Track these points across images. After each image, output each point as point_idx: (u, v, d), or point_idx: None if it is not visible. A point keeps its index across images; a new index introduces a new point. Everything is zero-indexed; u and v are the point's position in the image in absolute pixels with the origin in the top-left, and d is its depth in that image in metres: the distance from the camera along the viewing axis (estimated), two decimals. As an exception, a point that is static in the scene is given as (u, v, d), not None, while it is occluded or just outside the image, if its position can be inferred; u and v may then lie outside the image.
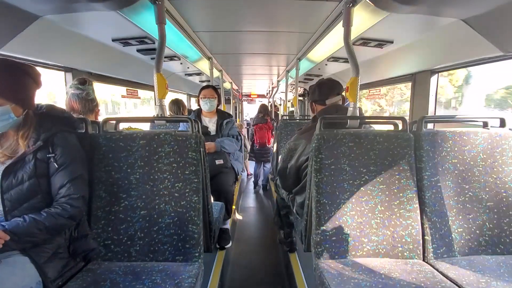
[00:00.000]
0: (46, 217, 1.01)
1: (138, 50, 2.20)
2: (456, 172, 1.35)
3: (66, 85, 1.95)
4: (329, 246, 1.26)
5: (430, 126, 1.95)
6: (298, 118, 3.46)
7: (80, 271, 1.16)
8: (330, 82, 1.67)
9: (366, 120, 1.56)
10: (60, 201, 1.06)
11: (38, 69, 1.13)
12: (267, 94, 8.80)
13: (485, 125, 1.41)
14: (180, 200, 1.29)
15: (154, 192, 1.30)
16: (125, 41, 1.93)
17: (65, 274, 1.09)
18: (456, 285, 1.09)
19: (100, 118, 1.57)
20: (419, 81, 2.10)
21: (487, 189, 1.34)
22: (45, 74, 1.19)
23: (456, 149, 1.36)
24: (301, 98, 6.43)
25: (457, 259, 1.28)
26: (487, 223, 1.32)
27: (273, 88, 6.69)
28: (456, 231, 1.31)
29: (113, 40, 1.90)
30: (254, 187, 4.78)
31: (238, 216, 3.38)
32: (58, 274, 1.06)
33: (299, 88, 4.98)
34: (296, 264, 2.18)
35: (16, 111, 1.04)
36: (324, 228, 1.26)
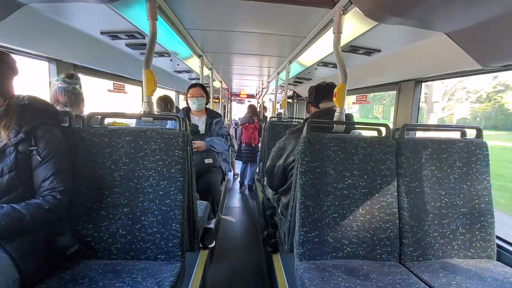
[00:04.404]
0: (26, 209, 0.97)
1: (127, 45, 2.16)
2: (434, 178, 1.41)
3: (49, 76, 1.89)
4: (311, 247, 1.28)
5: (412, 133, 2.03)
6: (286, 120, 3.50)
7: (58, 268, 1.13)
8: (327, 86, 1.70)
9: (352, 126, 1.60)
10: (43, 194, 1.03)
11: (20, 58, 1.08)
12: (256, 95, 8.80)
13: (462, 134, 1.49)
14: (164, 199, 1.28)
15: (138, 189, 1.28)
16: (114, 35, 1.89)
17: (43, 271, 1.06)
18: (429, 286, 1.14)
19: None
20: (403, 90, 2.17)
21: (462, 195, 1.41)
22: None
23: (434, 156, 1.42)
24: (290, 100, 6.49)
25: (431, 262, 1.34)
26: (460, 228, 1.39)
27: (262, 89, 6.71)
28: (431, 235, 1.37)
29: (101, 33, 1.85)
30: (240, 187, 4.78)
31: (222, 216, 3.38)
32: (36, 271, 1.02)
33: (288, 91, 5.03)
34: (279, 265, 2.20)
35: None
36: (306, 229, 1.29)
